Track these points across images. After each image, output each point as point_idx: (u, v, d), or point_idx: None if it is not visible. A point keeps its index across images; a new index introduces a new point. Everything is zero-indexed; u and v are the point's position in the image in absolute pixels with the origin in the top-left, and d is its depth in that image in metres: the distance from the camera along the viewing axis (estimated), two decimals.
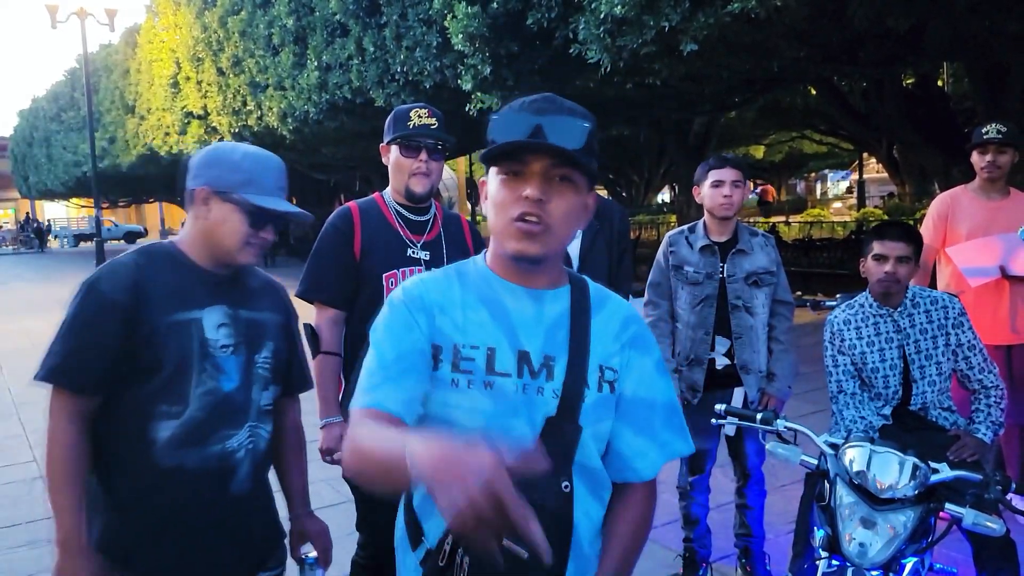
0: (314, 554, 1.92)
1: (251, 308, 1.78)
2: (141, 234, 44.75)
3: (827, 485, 2.09)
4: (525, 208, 1.21)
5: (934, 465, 2.00)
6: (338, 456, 2.27)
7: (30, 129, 32.57)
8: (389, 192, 2.48)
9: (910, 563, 1.99)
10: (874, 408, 2.74)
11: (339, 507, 3.52)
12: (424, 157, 2.36)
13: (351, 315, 2.40)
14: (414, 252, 2.41)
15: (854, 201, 31.59)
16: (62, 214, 47.03)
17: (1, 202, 52.56)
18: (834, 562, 2.01)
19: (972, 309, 3.06)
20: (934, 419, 2.70)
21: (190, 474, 1.65)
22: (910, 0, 5.62)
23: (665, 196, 38.25)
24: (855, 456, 2.00)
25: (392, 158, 2.40)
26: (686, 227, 3.16)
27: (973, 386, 2.74)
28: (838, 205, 35.69)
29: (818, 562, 2.06)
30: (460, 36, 6.80)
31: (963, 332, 2.71)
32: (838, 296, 3.69)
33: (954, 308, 2.72)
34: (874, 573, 1.94)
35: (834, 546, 2.01)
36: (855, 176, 33.74)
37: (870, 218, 20.60)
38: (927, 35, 6.81)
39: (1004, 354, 3.71)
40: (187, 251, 1.72)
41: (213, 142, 14.08)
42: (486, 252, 1.38)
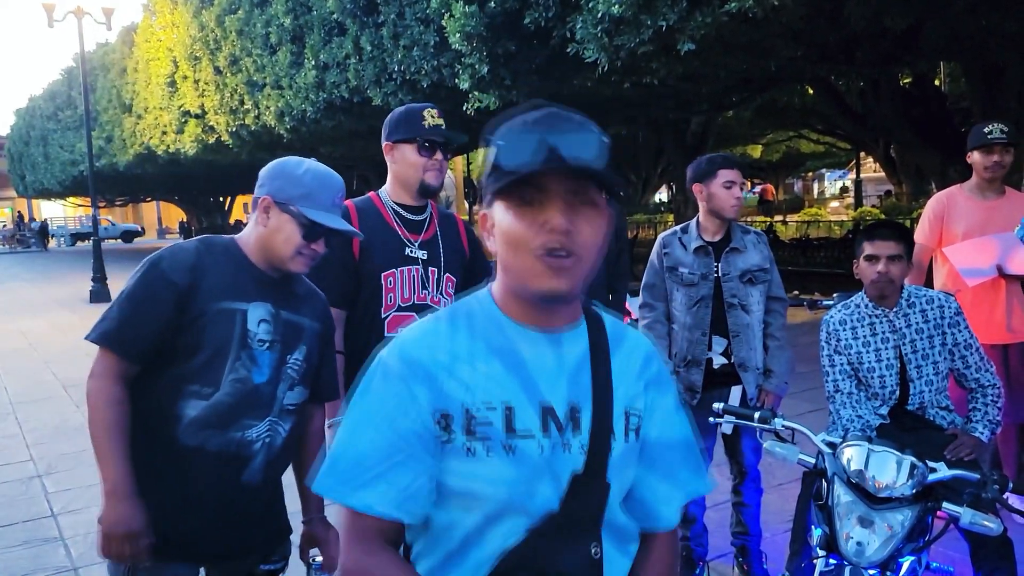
0: (321, 558, 1.96)
1: (292, 311, 1.87)
2: (138, 233, 44.76)
3: (824, 484, 2.10)
4: (551, 241, 1.05)
5: (932, 464, 2.01)
6: None
7: (27, 128, 32.50)
8: (386, 191, 2.50)
9: (907, 562, 1.99)
10: (871, 407, 2.74)
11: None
12: (440, 156, 2.44)
13: (352, 313, 2.42)
14: (411, 251, 2.44)
15: (851, 200, 31.68)
16: (59, 213, 46.92)
17: None
18: (831, 561, 2.02)
19: (968, 308, 3.06)
20: (932, 418, 2.70)
21: (209, 456, 1.74)
22: (907, 0, 5.63)
23: (663, 195, 38.31)
24: (853, 455, 2.00)
25: (405, 156, 2.43)
26: (678, 228, 3.16)
27: (970, 385, 2.75)
28: (835, 204, 35.78)
29: (815, 561, 2.07)
30: (457, 35, 6.81)
31: (959, 331, 2.71)
32: (835, 295, 3.70)
33: (950, 307, 2.73)
34: (871, 572, 1.95)
35: (831, 545, 2.01)
36: (852, 175, 33.82)
37: (867, 217, 20.62)
38: (924, 35, 6.82)
39: (1001, 353, 3.71)
40: (244, 249, 1.85)
41: (210, 141, 13.90)
42: (491, 285, 1.21)
